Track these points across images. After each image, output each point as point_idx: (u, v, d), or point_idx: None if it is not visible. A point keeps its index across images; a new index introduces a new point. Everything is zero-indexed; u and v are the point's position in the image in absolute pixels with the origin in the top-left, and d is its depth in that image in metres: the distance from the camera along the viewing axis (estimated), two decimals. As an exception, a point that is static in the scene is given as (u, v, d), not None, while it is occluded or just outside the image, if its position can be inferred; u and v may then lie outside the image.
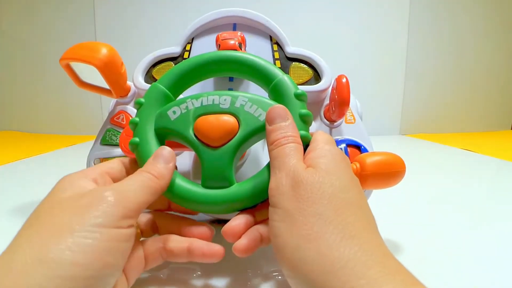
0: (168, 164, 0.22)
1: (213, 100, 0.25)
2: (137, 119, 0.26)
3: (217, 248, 0.23)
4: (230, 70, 0.28)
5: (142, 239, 0.24)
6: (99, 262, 0.15)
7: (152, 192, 0.20)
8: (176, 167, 0.25)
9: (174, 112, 0.25)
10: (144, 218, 0.25)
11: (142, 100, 0.26)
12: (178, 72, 0.27)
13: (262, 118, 0.24)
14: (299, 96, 0.25)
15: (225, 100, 0.25)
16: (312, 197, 0.19)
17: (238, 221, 0.23)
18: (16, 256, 0.15)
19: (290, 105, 0.24)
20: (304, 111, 0.24)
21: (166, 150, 0.23)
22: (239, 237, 0.22)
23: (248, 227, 0.23)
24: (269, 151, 0.22)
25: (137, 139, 0.25)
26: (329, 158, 0.21)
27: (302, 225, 0.18)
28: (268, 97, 0.26)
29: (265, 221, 0.24)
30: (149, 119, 0.26)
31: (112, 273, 0.17)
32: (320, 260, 0.17)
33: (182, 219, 0.25)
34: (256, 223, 0.24)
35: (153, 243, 0.23)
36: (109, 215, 0.17)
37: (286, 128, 0.22)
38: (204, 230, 0.24)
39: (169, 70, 0.28)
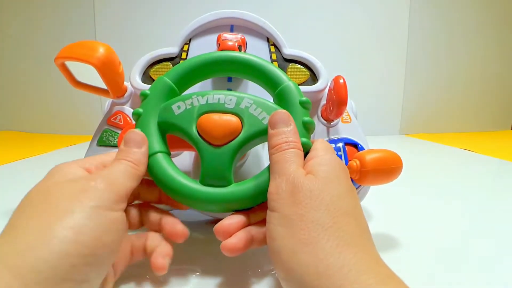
0: (141, 148, 0.23)
1: (219, 99, 0.25)
2: (141, 110, 0.26)
3: (179, 228, 0.23)
4: (238, 71, 0.28)
5: (129, 233, 0.24)
6: (98, 241, 0.17)
7: (134, 178, 0.22)
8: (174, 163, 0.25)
9: (179, 107, 0.25)
10: (132, 211, 0.24)
11: (148, 91, 0.27)
12: (186, 67, 0.27)
13: (266, 121, 0.24)
14: (303, 104, 0.25)
15: (230, 100, 0.25)
16: (310, 203, 0.19)
17: (230, 221, 0.23)
18: (19, 235, 0.16)
19: (294, 112, 0.25)
20: (307, 118, 0.25)
21: (136, 133, 0.24)
22: (230, 236, 0.22)
23: (240, 227, 0.23)
24: (270, 155, 0.23)
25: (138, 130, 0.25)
26: (329, 167, 0.21)
27: (300, 230, 0.18)
28: (272, 101, 0.26)
29: (259, 223, 0.24)
30: (152, 112, 0.26)
31: (109, 253, 0.18)
32: (315, 264, 0.17)
33: (166, 215, 0.25)
34: (249, 224, 0.24)
35: (138, 238, 0.24)
36: (102, 199, 0.18)
37: (288, 133, 0.23)
38: (179, 228, 0.24)
39: (178, 64, 0.28)
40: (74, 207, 0.17)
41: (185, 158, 0.33)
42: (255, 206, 0.25)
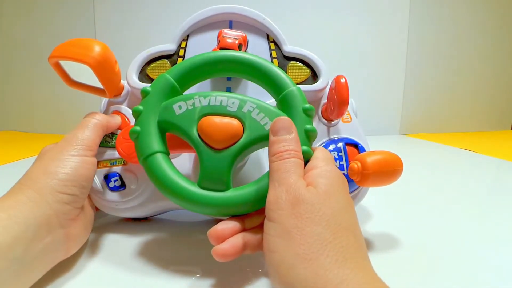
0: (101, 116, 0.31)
1: (221, 101, 0.25)
2: (141, 107, 0.26)
3: None
4: (242, 72, 0.28)
5: None
6: (77, 172, 0.26)
7: (99, 131, 0.29)
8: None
9: (180, 107, 0.25)
10: None
11: (149, 88, 0.26)
12: (189, 65, 0.27)
13: (268, 127, 0.24)
14: (306, 111, 0.25)
15: (233, 103, 0.25)
16: (311, 217, 0.19)
17: (224, 226, 0.23)
18: (30, 170, 0.26)
19: (296, 119, 0.24)
20: (309, 126, 0.24)
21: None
22: (223, 241, 0.22)
23: (234, 233, 0.23)
24: (270, 162, 0.22)
25: (138, 128, 0.25)
26: (330, 179, 0.21)
27: (299, 244, 0.18)
28: (272, 102, 0.26)
29: (254, 229, 0.24)
30: (153, 110, 0.26)
31: (85, 179, 0.26)
32: (315, 280, 0.17)
33: None
34: (244, 229, 0.24)
35: None
36: (79, 150, 0.27)
37: (289, 141, 0.22)
38: None
39: (180, 62, 0.27)
40: (60, 156, 0.26)
41: (185, 160, 0.33)
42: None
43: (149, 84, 0.27)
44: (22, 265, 0.21)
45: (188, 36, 0.35)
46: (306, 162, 0.23)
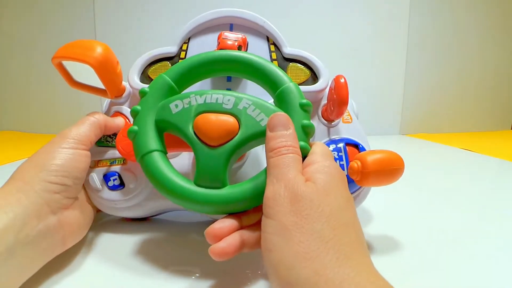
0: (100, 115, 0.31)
1: (217, 98, 0.25)
2: (139, 107, 0.26)
3: None
4: (238, 70, 0.28)
5: None
6: (68, 164, 0.26)
7: (96, 128, 0.30)
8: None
9: (177, 106, 0.25)
10: None
11: (147, 89, 0.26)
12: (186, 65, 0.27)
13: (264, 123, 0.24)
14: (303, 106, 0.25)
15: (228, 100, 0.25)
16: (311, 214, 0.18)
17: (222, 224, 0.23)
18: (29, 167, 0.26)
19: (293, 114, 0.24)
20: (306, 122, 0.24)
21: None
22: (220, 240, 0.22)
23: (232, 231, 0.23)
24: (268, 158, 0.22)
25: (136, 128, 0.25)
26: (329, 175, 0.21)
27: (299, 242, 0.18)
28: (272, 103, 0.26)
29: (251, 226, 0.24)
30: (151, 109, 0.26)
31: (76, 171, 0.27)
32: (315, 279, 0.16)
33: None
34: (242, 227, 0.23)
35: None
36: (71, 143, 0.27)
37: (287, 137, 0.22)
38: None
39: (178, 63, 0.28)
40: (51, 149, 0.26)
41: (184, 159, 0.33)
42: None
43: (148, 85, 0.27)
44: (15, 254, 0.21)
45: (189, 38, 0.35)
46: (304, 157, 0.23)
